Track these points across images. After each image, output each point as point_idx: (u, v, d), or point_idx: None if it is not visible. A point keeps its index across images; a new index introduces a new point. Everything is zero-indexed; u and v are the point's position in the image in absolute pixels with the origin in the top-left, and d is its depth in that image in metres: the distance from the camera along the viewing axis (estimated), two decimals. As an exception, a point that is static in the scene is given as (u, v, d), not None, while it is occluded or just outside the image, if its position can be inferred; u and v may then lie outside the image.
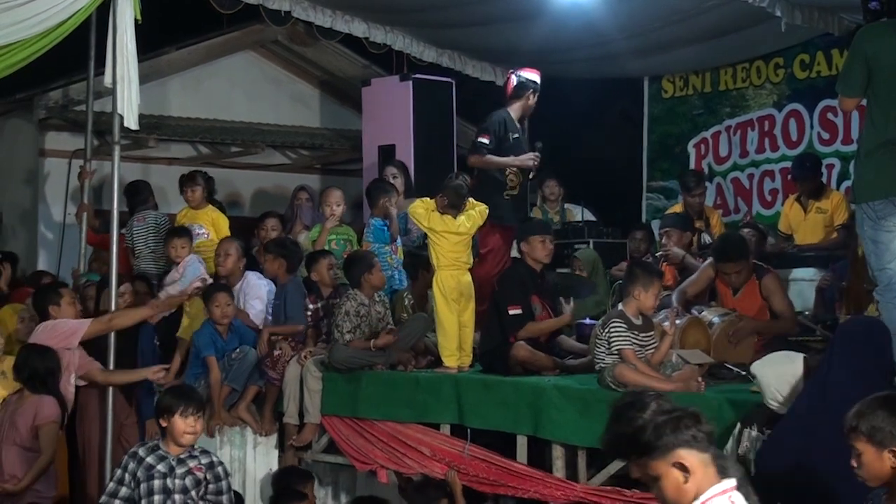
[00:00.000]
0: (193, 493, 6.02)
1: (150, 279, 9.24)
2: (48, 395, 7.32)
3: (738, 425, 5.53)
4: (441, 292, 7.66)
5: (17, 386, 7.43)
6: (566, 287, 8.45)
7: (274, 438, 8.26)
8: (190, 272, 8.49)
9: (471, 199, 7.85)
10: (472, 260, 7.94)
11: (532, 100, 8.84)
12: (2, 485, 7.14)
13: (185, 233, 8.90)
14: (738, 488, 3.66)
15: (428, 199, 7.83)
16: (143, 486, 6.05)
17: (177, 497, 5.99)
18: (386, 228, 8.94)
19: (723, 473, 3.65)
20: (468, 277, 7.77)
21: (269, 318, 8.50)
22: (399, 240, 9.05)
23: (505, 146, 8.76)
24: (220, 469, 6.16)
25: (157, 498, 6.01)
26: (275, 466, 8.16)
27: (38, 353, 7.44)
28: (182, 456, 6.08)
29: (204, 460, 6.12)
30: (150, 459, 6.09)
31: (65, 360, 7.43)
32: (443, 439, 7.38)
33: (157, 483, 6.02)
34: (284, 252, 8.61)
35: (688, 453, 3.63)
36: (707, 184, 10.32)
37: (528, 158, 8.71)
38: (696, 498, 3.59)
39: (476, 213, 7.82)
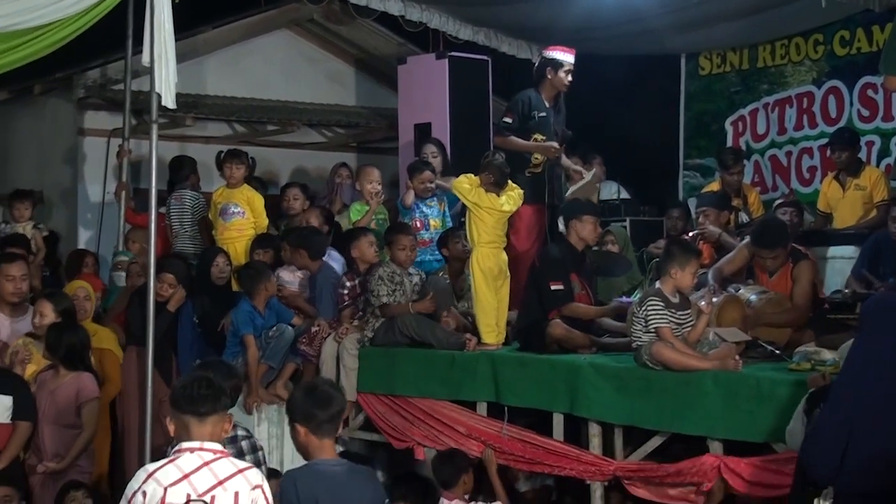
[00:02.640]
0: None
1: (188, 259, 9.28)
2: (86, 372, 7.40)
3: (804, 402, 5.48)
4: (480, 269, 7.67)
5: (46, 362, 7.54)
6: (604, 266, 8.44)
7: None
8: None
9: (509, 181, 7.86)
10: (506, 240, 7.97)
11: (555, 76, 8.80)
12: (46, 463, 7.23)
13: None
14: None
15: (472, 175, 7.83)
16: None
17: None
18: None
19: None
20: (505, 256, 7.81)
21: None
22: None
23: (530, 125, 8.78)
24: (244, 444, 5.92)
25: None
26: (312, 443, 8.19)
27: (70, 329, 7.55)
28: None
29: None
30: None
31: None
32: (478, 419, 7.40)
33: None
34: (301, 241, 8.61)
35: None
36: (744, 161, 10.26)
37: (551, 148, 8.69)
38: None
39: (516, 195, 7.82)
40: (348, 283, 8.39)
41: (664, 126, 11.86)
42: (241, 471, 4.68)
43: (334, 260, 8.88)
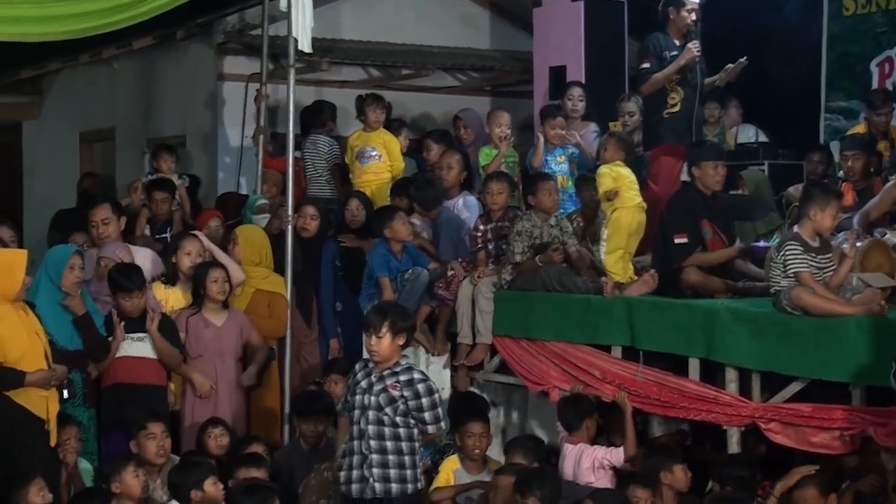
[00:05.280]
0: (389, 409, 6.05)
1: (321, 203, 9.41)
2: (233, 309, 7.84)
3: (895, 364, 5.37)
4: (622, 228, 7.70)
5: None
6: (740, 209, 8.31)
7: (447, 358, 8.37)
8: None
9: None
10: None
11: (678, 15, 8.70)
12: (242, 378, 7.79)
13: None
14: None
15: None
16: (350, 400, 6.27)
17: (370, 414, 6.09)
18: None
19: None
20: (644, 214, 7.79)
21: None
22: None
23: (663, 66, 8.66)
24: (420, 386, 6.09)
25: (356, 413, 6.18)
26: (447, 385, 8.28)
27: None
28: (384, 373, 6.13)
29: (403, 377, 6.10)
30: (360, 374, 6.26)
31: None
32: (613, 362, 7.37)
33: (357, 398, 6.18)
34: (413, 196, 8.70)
35: None
36: (893, 104, 9.94)
37: (689, 51, 8.58)
38: None
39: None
40: (481, 227, 8.39)
41: (805, 68, 11.54)
42: None
43: (470, 205, 8.90)
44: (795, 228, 6.62)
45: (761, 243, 7.92)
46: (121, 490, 6.26)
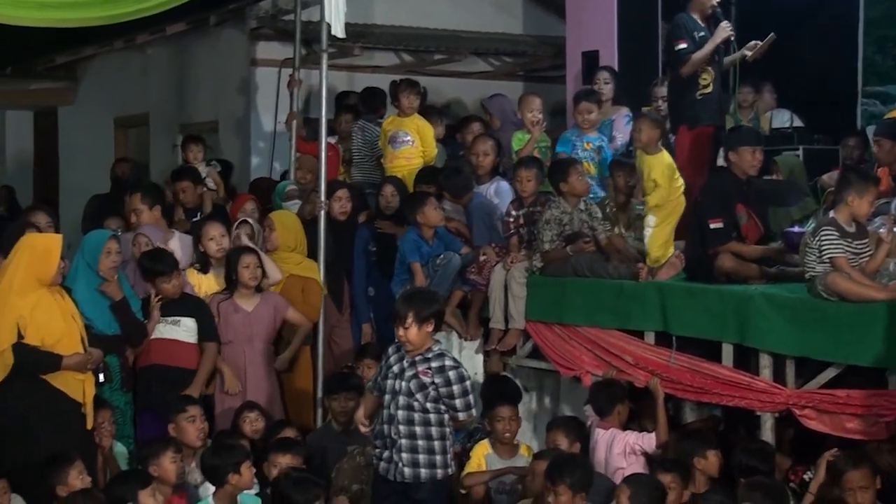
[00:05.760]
0: (419, 396, 6.06)
1: (362, 188, 9.42)
2: (266, 292, 7.85)
3: None
4: (661, 216, 7.63)
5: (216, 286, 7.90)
6: (775, 194, 8.26)
7: (479, 343, 8.37)
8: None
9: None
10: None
11: None
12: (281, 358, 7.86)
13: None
14: None
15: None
16: (382, 384, 6.28)
17: (400, 399, 6.10)
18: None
19: None
20: (683, 199, 7.72)
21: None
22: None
23: (697, 46, 8.61)
24: (451, 373, 6.08)
25: (387, 397, 6.19)
26: (480, 370, 8.29)
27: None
28: (416, 358, 6.13)
29: (434, 364, 6.09)
30: (392, 358, 6.26)
31: None
32: (646, 347, 7.35)
33: (388, 382, 6.19)
34: (444, 185, 8.69)
35: None
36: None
37: (721, 31, 8.52)
38: None
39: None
40: (513, 212, 8.39)
41: (841, 52, 11.45)
42: None
43: (501, 191, 8.89)
44: (831, 213, 6.56)
45: (796, 229, 7.86)
46: (158, 474, 6.30)
